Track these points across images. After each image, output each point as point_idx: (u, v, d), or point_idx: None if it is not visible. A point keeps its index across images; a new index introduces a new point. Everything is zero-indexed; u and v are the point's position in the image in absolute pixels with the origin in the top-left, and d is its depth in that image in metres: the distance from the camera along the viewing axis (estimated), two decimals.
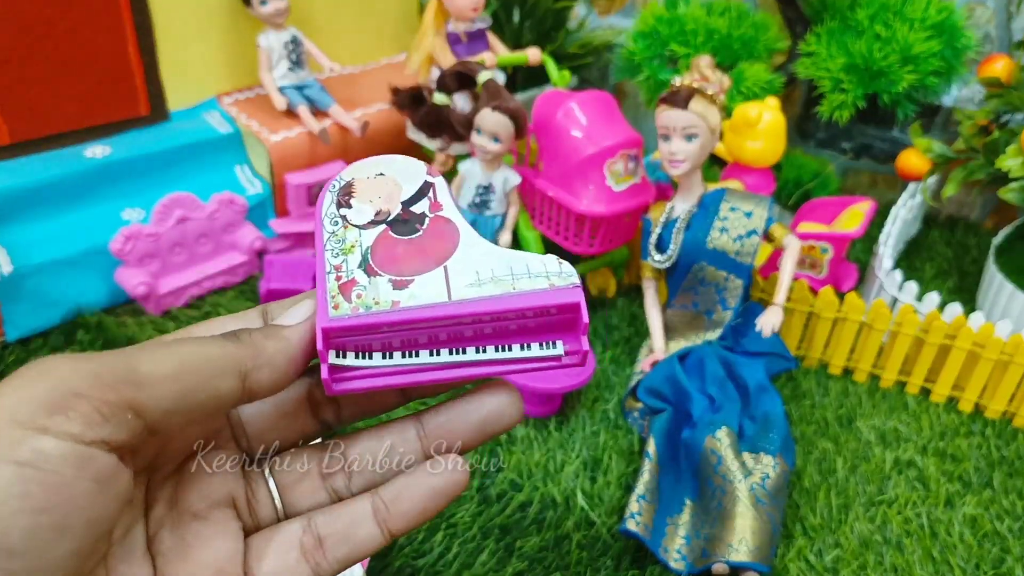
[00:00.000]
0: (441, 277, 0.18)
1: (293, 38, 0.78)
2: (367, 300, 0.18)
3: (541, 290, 0.18)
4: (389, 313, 0.18)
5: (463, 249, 0.19)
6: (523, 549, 0.50)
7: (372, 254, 0.18)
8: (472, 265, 0.18)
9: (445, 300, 0.18)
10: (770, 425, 0.54)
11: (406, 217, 0.19)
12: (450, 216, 0.19)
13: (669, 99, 0.57)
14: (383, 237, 0.19)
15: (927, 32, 0.74)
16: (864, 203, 0.76)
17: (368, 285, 0.18)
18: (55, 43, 0.67)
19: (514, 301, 0.18)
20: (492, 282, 0.18)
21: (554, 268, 0.18)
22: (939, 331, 0.62)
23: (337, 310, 0.18)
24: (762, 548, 0.47)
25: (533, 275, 0.18)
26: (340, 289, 0.18)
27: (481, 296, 0.18)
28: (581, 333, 0.19)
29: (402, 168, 0.20)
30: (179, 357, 0.16)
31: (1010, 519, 0.54)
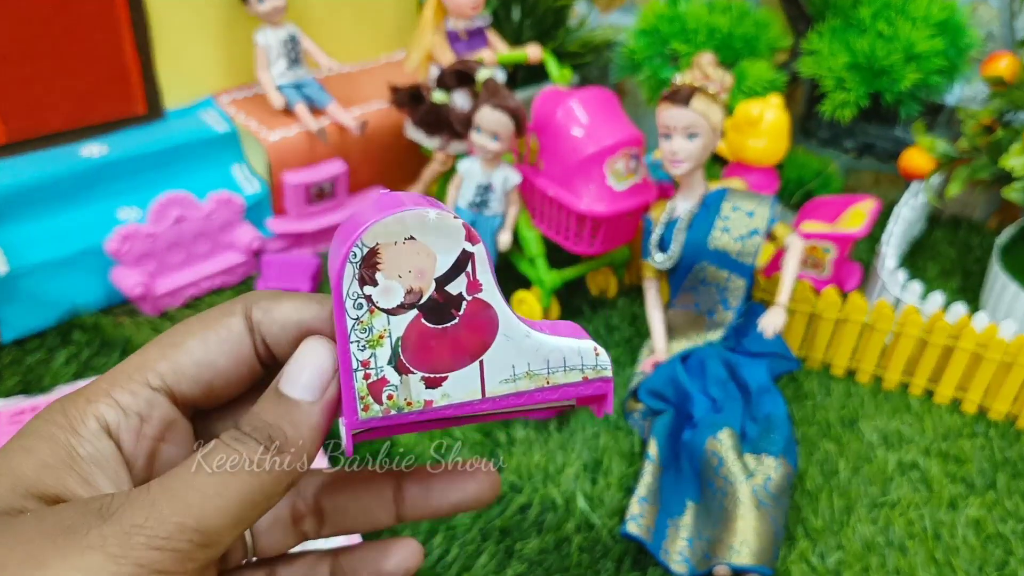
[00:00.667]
0: (476, 373, 0.17)
1: (291, 36, 0.77)
2: (399, 402, 0.17)
3: (576, 384, 0.17)
4: (420, 413, 0.17)
5: (501, 340, 0.17)
6: (523, 551, 0.49)
7: (403, 347, 0.16)
8: (509, 359, 0.17)
9: (479, 398, 0.17)
10: (772, 426, 0.54)
11: (441, 300, 0.16)
12: (489, 299, 0.17)
13: (670, 97, 0.57)
14: (415, 325, 0.16)
15: (930, 30, 0.73)
16: (867, 202, 0.75)
17: (400, 384, 0.16)
18: (51, 42, 0.67)
19: (546, 393, 0.17)
20: (527, 377, 0.17)
21: (590, 360, 0.17)
22: (943, 332, 0.62)
23: (367, 412, 0.16)
24: (764, 550, 0.47)
25: (569, 368, 0.17)
26: (370, 389, 0.16)
27: (514, 393, 0.17)
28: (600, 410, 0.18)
29: (437, 230, 0.16)
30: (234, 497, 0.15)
31: (1014, 521, 0.54)
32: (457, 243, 0.16)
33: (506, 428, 0.59)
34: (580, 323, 0.72)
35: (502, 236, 0.69)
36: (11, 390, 0.60)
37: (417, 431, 0.18)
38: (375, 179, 0.86)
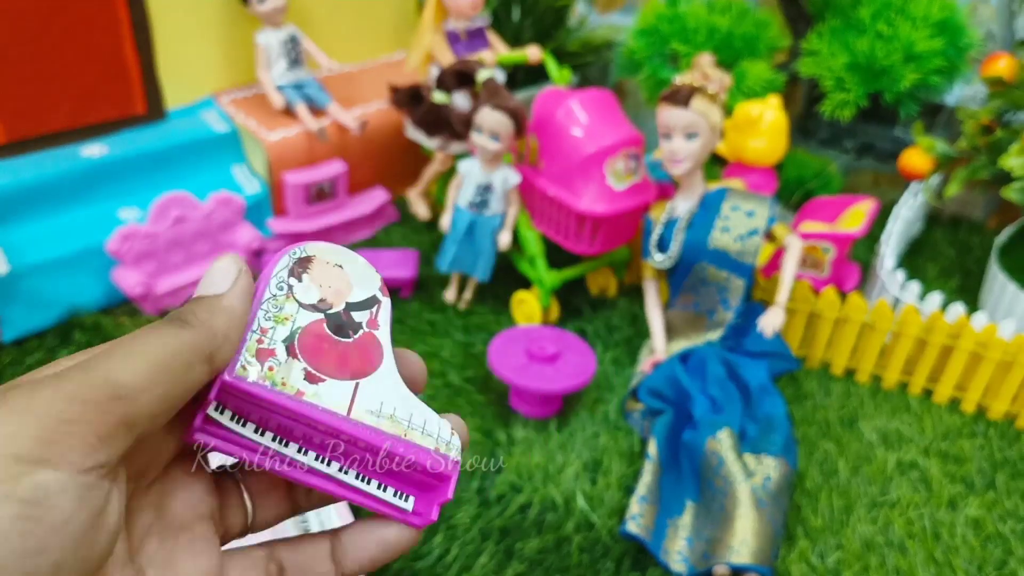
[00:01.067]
0: (350, 392, 0.18)
1: (291, 36, 0.77)
2: (276, 377, 0.18)
3: (427, 448, 0.19)
4: (290, 399, 0.18)
5: (379, 376, 0.19)
6: (523, 551, 0.50)
7: (300, 336, 0.18)
8: (380, 396, 0.19)
9: (343, 414, 0.18)
10: (772, 426, 0.54)
11: (345, 319, 0.19)
12: (382, 340, 0.19)
13: (670, 98, 0.57)
14: (316, 326, 0.19)
15: (930, 30, 0.74)
16: (866, 202, 0.75)
17: (283, 363, 0.18)
18: (51, 42, 0.67)
19: (398, 446, 0.18)
20: (389, 419, 0.19)
21: (445, 436, 0.19)
22: (942, 331, 0.62)
23: (245, 371, 0.17)
24: (764, 550, 0.47)
25: (425, 433, 0.19)
26: (257, 353, 0.18)
27: (374, 427, 0.18)
28: (437, 503, 0.19)
29: (361, 272, 0.20)
30: (150, 359, 0.16)
31: (1013, 520, 0.54)
32: (372, 288, 0.20)
33: (506, 428, 0.59)
34: (580, 323, 0.73)
35: (502, 236, 0.69)
36: None
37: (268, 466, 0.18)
38: (375, 179, 0.86)
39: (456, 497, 0.53)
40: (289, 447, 0.18)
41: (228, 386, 0.17)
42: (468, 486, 0.54)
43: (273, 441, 0.18)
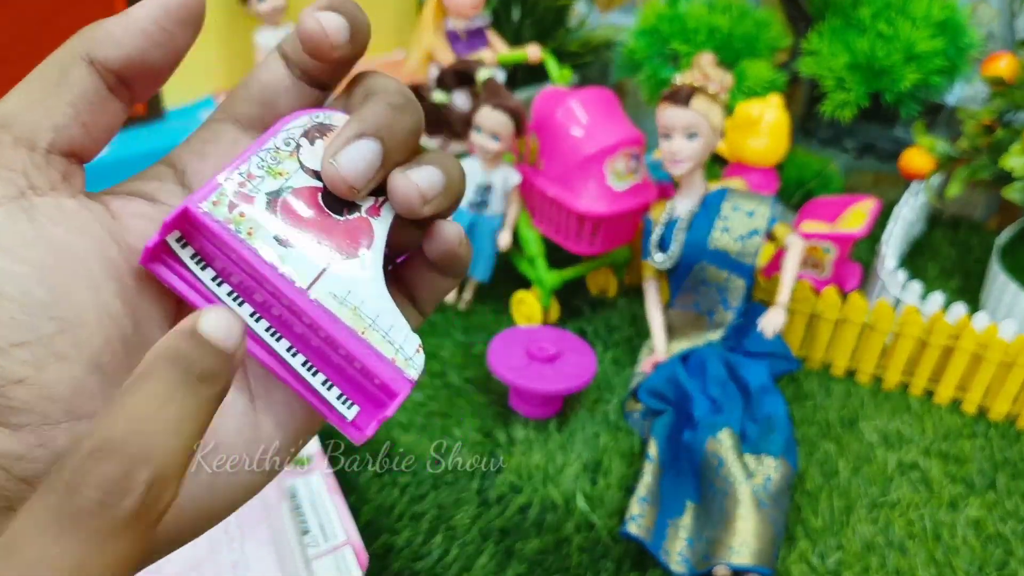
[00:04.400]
0: (317, 269, 0.16)
1: None
2: (244, 225, 0.16)
3: (382, 354, 0.17)
4: (251, 251, 0.16)
5: (358, 264, 0.17)
6: (523, 552, 0.49)
7: (288, 195, 0.16)
8: (351, 284, 0.17)
9: (303, 288, 0.16)
10: (772, 427, 0.54)
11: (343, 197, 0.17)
12: (376, 230, 0.17)
13: (671, 97, 0.57)
14: (310, 192, 0.17)
15: (930, 30, 0.73)
16: (867, 202, 0.75)
17: (258, 215, 0.16)
18: (50, 41, 0.67)
19: (352, 343, 0.16)
20: (352, 311, 0.17)
21: (408, 351, 0.17)
22: (943, 332, 0.62)
23: (215, 206, 0.16)
24: (764, 551, 0.47)
25: (387, 339, 0.17)
26: (235, 193, 0.16)
27: (332, 313, 0.16)
28: (377, 419, 0.17)
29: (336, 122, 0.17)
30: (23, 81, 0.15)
31: (1014, 521, 0.54)
32: None
33: (506, 428, 0.59)
34: (580, 323, 0.73)
35: (502, 236, 0.69)
36: None
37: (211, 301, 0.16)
38: None
39: (456, 497, 0.53)
40: (243, 307, 0.16)
41: (189, 216, 0.15)
42: (468, 486, 0.54)
43: (228, 296, 0.16)
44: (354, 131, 0.16)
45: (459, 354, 0.67)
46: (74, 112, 0.15)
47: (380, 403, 0.17)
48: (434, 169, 0.17)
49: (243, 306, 0.16)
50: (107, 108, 0.16)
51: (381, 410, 0.17)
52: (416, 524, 0.51)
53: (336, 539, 0.43)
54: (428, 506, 0.52)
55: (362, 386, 0.17)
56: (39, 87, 0.15)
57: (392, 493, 0.53)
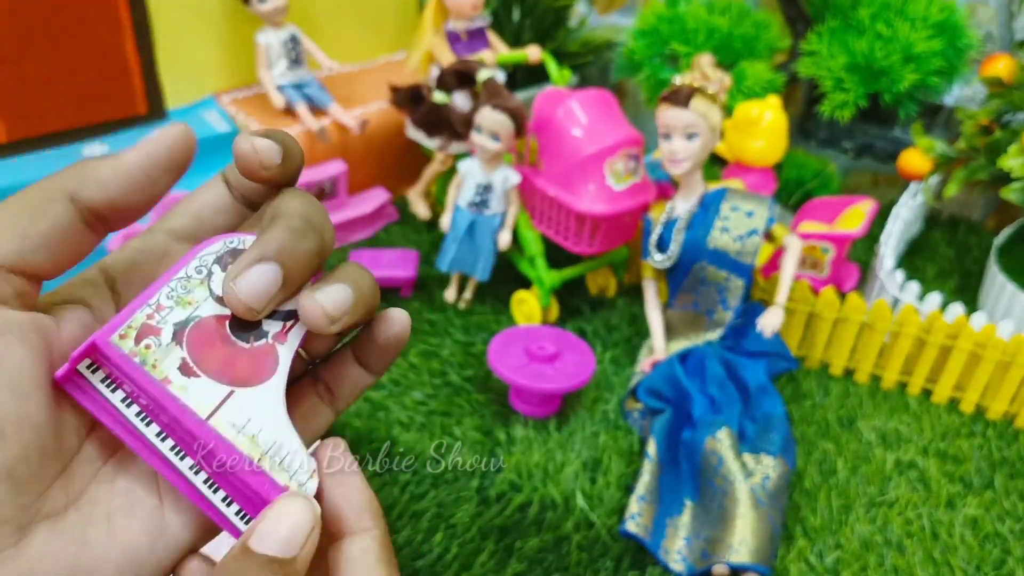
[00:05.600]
0: (219, 397, 0.17)
1: (292, 36, 0.78)
2: (150, 357, 0.17)
3: (276, 482, 0.17)
4: (152, 382, 0.17)
5: (261, 392, 0.18)
6: (522, 550, 0.50)
7: (195, 325, 0.17)
8: (251, 414, 0.17)
9: (201, 416, 0.17)
10: (771, 426, 0.54)
11: (252, 323, 0.18)
12: (281, 356, 0.18)
13: (670, 98, 0.57)
14: (218, 320, 0.18)
15: (929, 31, 0.74)
16: (865, 203, 0.76)
17: (164, 346, 0.17)
18: (53, 41, 0.67)
19: (247, 472, 0.17)
20: (249, 440, 0.17)
21: (303, 477, 0.17)
22: (940, 331, 0.62)
23: (121, 340, 0.17)
24: (763, 549, 0.47)
25: (282, 466, 0.17)
26: (142, 327, 0.17)
27: (229, 442, 0.17)
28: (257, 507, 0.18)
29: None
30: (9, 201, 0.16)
31: (1012, 520, 0.54)
32: (296, 303, 0.18)
33: (505, 427, 0.59)
34: (579, 323, 0.73)
35: (502, 235, 0.69)
36: None
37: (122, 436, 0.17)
38: (375, 179, 0.86)
39: (455, 496, 0.53)
40: (151, 427, 0.17)
41: (95, 350, 0.17)
42: (468, 485, 0.54)
43: (136, 417, 0.17)
44: (254, 256, 0.16)
45: (459, 353, 0.67)
46: (43, 240, 0.16)
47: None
48: (342, 287, 0.17)
49: (150, 426, 0.17)
50: (79, 240, 0.17)
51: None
52: (416, 522, 0.51)
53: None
54: (428, 504, 0.52)
55: (258, 506, 0.17)
56: (16, 211, 0.16)
57: (392, 492, 0.53)
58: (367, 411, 0.60)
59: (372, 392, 0.62)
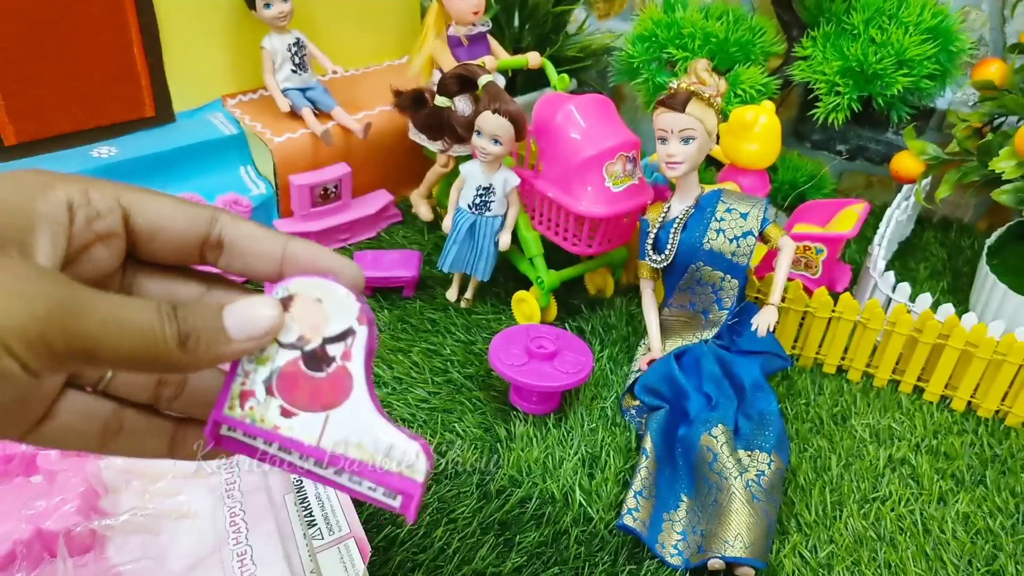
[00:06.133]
0: (320, 423, 0.21)
1: (296, 41, 0.79)
2: (255, 414, 0.21)
3: (390, 471, 0.21)
4: (267, 432, 0.21)
5: (349, 406, 0.21)
6: (522, 544, 0.51)
7: (278, 376, 0.21)
8: (349, 425, 0.21)
9: (314, 444, 0.21)
10: (765, 423, 0.55)
11: (320, 354, 0.21)
12: (353, 371, 0.21)
13: (667, 102, 0.58)
14: (294, 363, 0.21)
15: (922, 36, 0.75)
16: (858, 204, 0.77)
17: (262, 402, 0.21)
18: (61, 44, 0.68)
19: (365, 470, 0.21)
20: (357, 447, 0.21)
21: (409, 459, 0.21)
22: (932, 331, 0.63)
23: (231, 410, 0.21)
24: (757, 544, 0.48)
25: (392, 458, 0.21)
26: (241, 395, 0.21)
27: (344, 455, 0.21)
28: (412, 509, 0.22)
29: (340, 303, 0.21)
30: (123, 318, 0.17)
31: (1002, 516, 0.55)
32: (349, 319, 0.21)
33: (506, 424, 0.61)
34: (578, 322, 0.74)
35: (502, 237, 0.70)
36: None
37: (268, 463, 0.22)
38: (378, 181, 0.87)
39: (457, 491, 0.54)
40: (292, 454, 0.21)
41: (217, 420, 0.21)
42: (469, 481, 0.55)
43: (279, 451, 0.21)
44: None
45: (460, 351, 0.68)
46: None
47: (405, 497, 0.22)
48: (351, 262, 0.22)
49: (292, 453, 0.22)
50: None
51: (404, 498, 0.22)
52: (419, 518, 0.52)
53: (340, 531, 0.44)
54: (430, 499, 0.53)
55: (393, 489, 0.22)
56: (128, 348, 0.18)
57: None
58: None
59: (376, 389, 0.63)
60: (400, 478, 0.21)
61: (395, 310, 0.73)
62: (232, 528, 0.47)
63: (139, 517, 0.46)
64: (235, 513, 0.48)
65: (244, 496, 0.49)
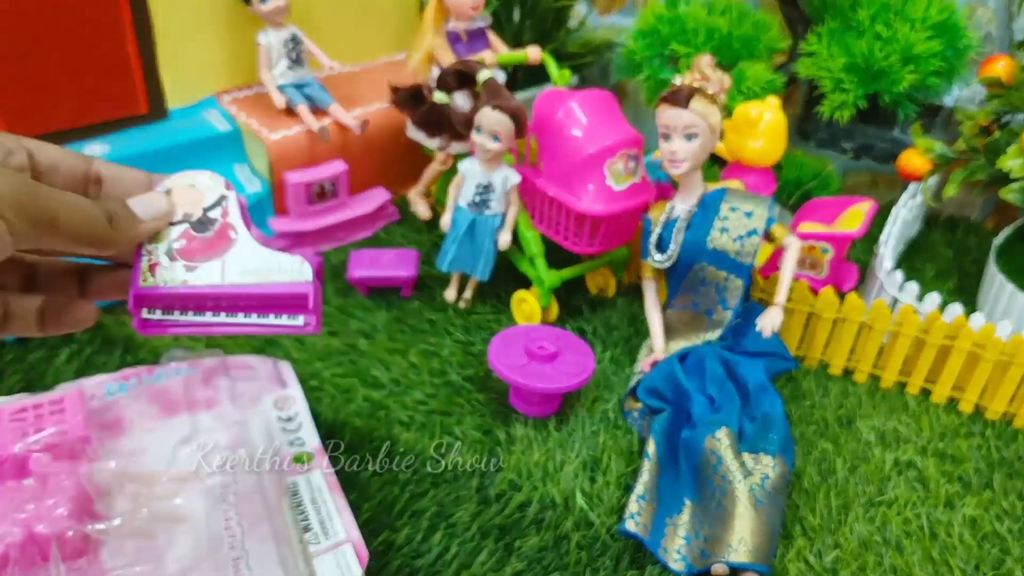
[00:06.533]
0: (219, 266, 0.27)
1: (293, 36, 0.78)
2: (166, 277, 0.26)
3: (284, 282, 0.27)
4: (177, 288, 0.26)
5: (238, 247, 0.27)
6: (522, 549, 0.50)
7: (175, 245, 0.27)
8: (242, 260, 0.27)
9: (219, 281, 0.27)
10: (770, 425, 0.54)
11: (204, 219, 0.27)
12: (233, 223, 0.28)
13: (670, 98, 0.57)
14: (185, 234, 0.27)
15: (928, 32, 0.74)
16: (865, 203, 0.76)
17: (167, 267, 0.26)
18: (54, 41, 0.67)
19: (265, 288, 0.27)
20: (254, 274, 0.27)
21: (295, 267, 0.28)
22: (939, 331, 0.62)
23: (144, 282, 0.26)
24: (761, 548, 0.47)
25: (283, 271, 0.27)
26: (149, 268, 0.26)
27: (245, 283, 0.27)
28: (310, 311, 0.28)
29: (207, 182, 0.28)
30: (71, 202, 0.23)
31: (1010, 520, 0.54)
32: (219, 190, 0.28)
33: (505, 427, 0.60)
34: (579, 322, 0.73)
35: (502, 235, 0.69)
36: (13, 388, 0.61)
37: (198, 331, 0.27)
38: (376, 179, 0.86)
39: (455, 495, 0.53)
40: (206, 315, 0.27)
41: (140, 297, 0.26)
42: (468, 484, 0.54)
43: (195, 316, 0.27)
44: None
45: (459, 352, 0.67)
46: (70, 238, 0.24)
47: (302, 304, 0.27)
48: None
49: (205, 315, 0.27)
50: None
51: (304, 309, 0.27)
52: (416, 521, 0.51)
53: (337, 537, 0.43)
54: (428, 503, 0.52)
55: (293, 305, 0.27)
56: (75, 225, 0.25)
57: (392, 491, 0.53)
58: (367, 410, 0.60)
59: (373, 391, 0.62)
60: (292, 286, 0.27)
61: (393, 310, 0.73)
62: (228, 532, 0.46)
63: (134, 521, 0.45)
64: (230, 517, 0.47)
65: (240, 500, 0.48)
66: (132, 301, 0.26)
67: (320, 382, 0.63)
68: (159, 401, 0.52)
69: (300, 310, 0.28)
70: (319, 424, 0.56)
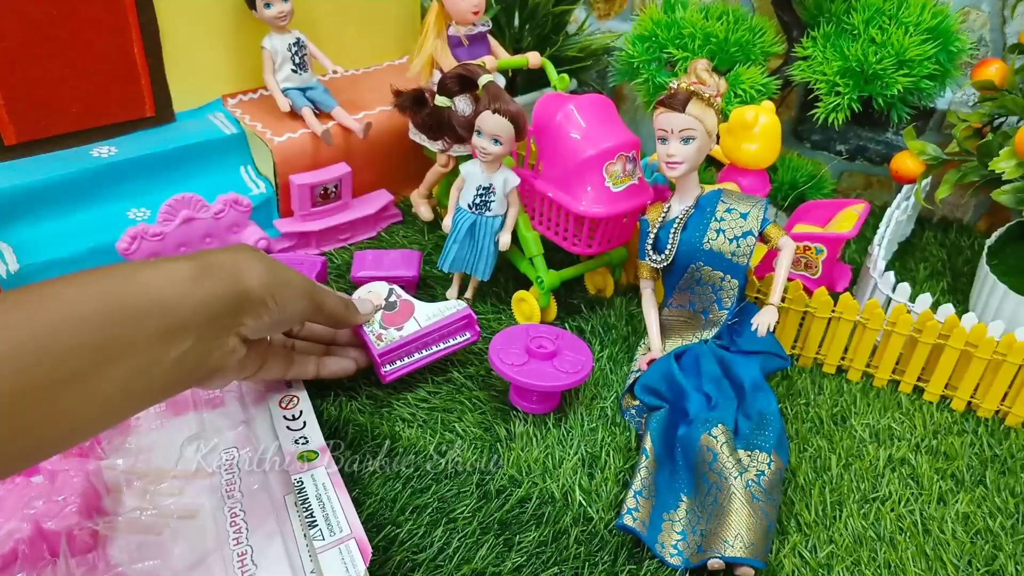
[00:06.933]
0: (414, 322, 0.55)
1: (297, 41, 0.79)
2: (388, 339, 0.54)
3: (450, 315, 0.58)
4: (399, 341, 0.54)
5: (417, 307, 0.57)
6: (522, 544, 0.51)
7: (382, 322, 0.55)
8: (424, 312, 0.57)
9: (419, 329, 0.56)
10: (765, 423, 0.55)
11: (390, 304, 0.56)
12: (406, 298, 0.56)
13: (667, 102, 0.58)
14: (383, 315, 0.55)
15: (922, 36, 0.75)
16: (858, 205, 0.77)
17: (385, 332, 0.54)
18: (61, 44, 0.68)
19: (444, 321, 0.56)
20: (434, 317, 0.56)
21: (453, 306, 0.58)
22: (932, 331, 0.63)
23: (379, 345, 0.54)
24: (757, 544, 0.48)
25: (448, 309, 0.58)
26: (376, 337, 0.54)
27: (432, 324, 0.56)
28: (471, 325, 0.57)
29: (377, 288, 0.57)
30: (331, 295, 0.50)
31: (1002, 516, 0.55)
32: (386, 288, 0.59)
33: (505, 424, 0.61)
34: (578, 322, 0.74)
35: (502, 236, 0.70)
36: None
37: (417, 367, 0.56)
38: (378, 181, 0.87)
39: (456, 491, 0.54)
40: (415, 355, 0.57)
41: (380, 354, 0.54)
42: (469, 480, 0.55)
43: (410, 358, 0.57)
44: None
45: (460, 351, 0.68)
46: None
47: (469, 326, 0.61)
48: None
49: (414, 356, 0.58)
50: None
51: (469, 328, 0.61)
52: (417, 517, 0.52)
53: (341, 532, 0.44)
54: (429, 499, 0.53)
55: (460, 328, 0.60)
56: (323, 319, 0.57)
57: (394, 487, 0.54)
58: (370, 408, 0.61)
59: (375, 389, 0.63)
60: (459, 314, 0.57)
61: None
62: (233, 528, 0.47)
63: (141, 517, 0.46)
64: (236, 513, 0.48)
65: (245, 497, 0.49)
66: (377, 359, 0.52)
67: (323, 381, 0.64)
68: (167, 400, 0.53)
69: (466, 329, 0.57)
70: (323, 423, 0.57)
